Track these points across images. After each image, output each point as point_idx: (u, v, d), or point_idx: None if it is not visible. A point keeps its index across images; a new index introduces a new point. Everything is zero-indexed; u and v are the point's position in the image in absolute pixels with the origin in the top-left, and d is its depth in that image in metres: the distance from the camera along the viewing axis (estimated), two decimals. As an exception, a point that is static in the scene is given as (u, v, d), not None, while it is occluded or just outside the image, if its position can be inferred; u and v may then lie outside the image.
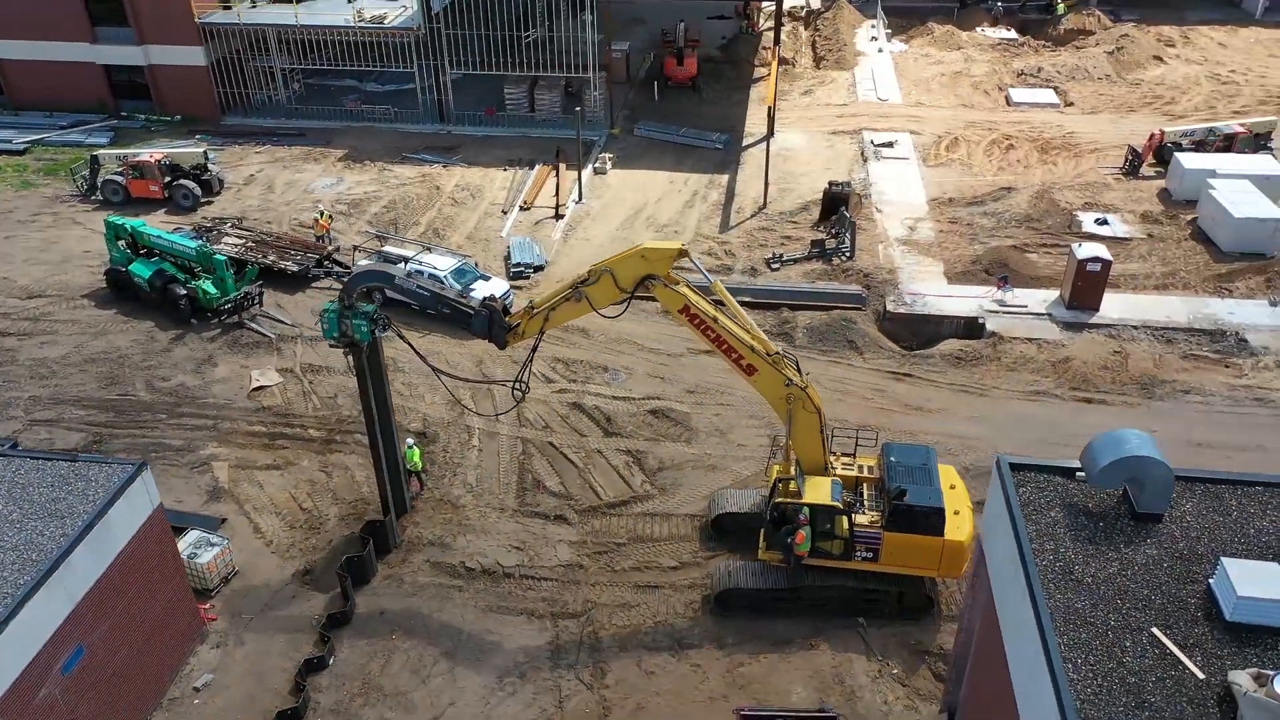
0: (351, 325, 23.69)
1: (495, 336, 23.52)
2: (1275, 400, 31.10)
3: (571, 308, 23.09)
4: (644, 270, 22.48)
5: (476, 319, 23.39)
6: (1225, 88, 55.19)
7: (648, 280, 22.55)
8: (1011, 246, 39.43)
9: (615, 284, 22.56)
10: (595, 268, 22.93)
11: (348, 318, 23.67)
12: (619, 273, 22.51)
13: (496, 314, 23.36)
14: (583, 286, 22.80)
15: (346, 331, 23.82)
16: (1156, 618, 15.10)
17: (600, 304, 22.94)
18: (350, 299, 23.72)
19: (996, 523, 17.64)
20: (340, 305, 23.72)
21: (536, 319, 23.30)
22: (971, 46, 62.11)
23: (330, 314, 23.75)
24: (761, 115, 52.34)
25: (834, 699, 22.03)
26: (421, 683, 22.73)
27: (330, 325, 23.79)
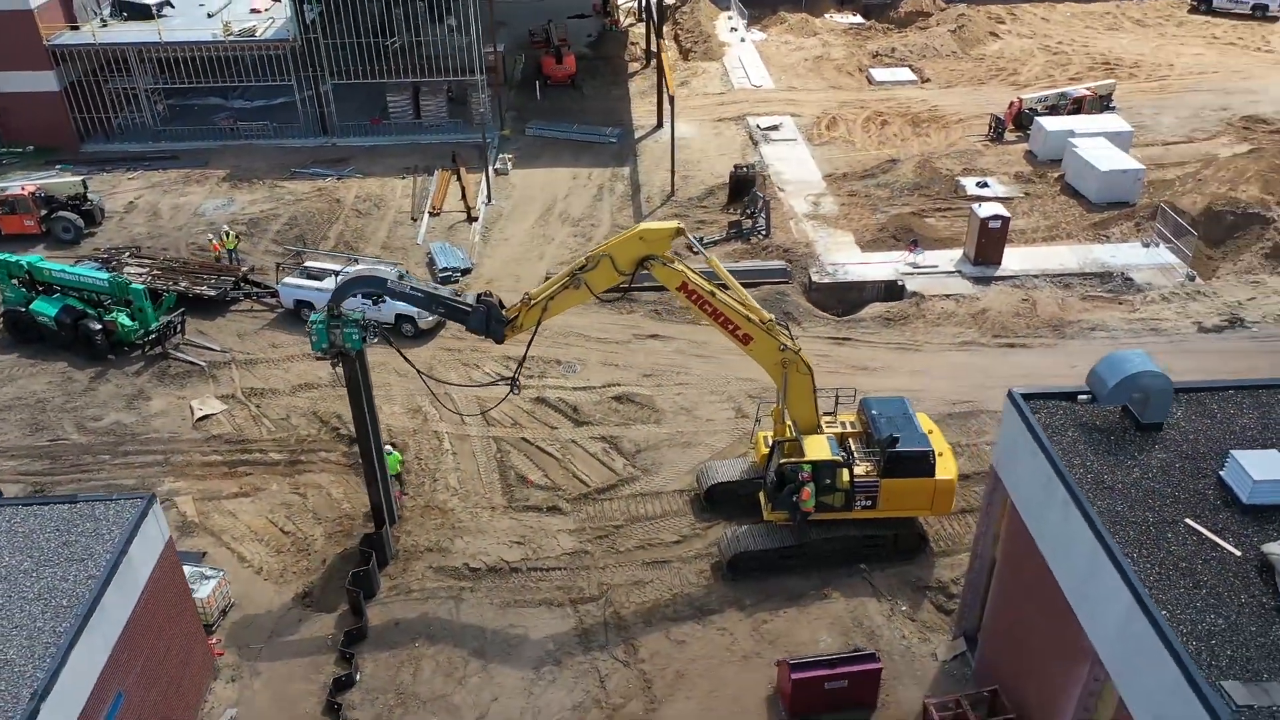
0: (342, 335, 23.22)
1: (493, 331, 23.58)
2: (1167, 329, 34.61)
3: (570, 295, 23.44)
4: (643, 251, 23.08)
5: (474, 315, 23.39)
6: (1057, 57, 60.28)
7: (647, 260, 23.14)
8: (910, 213, 42.04)
9: (614, 267, 23.06)
10: (593, 253, 23.36)
11: (337, 327, 23.19)
12: (618, 256, 23.03)
13: (494, 309, 23.44)
14: (581, 273, 23.17)
15: (336, 342, 23.33)
16: (1184, 510, 17.00)
17: (599, 288, 23.39)
18: (339, 308, 23.28)
19: (1017, 450, 19.25)
20: (328, 315, 23.22)
21: (534, 310, 23.53)
22: (825, 32, 65.34)
23: (319, 325, 23.21)
24: (646, 108, 53.69)
25: (858, 640, 23.31)
26: (458, 684, 22.62)
27: (320, 336, 23.27)
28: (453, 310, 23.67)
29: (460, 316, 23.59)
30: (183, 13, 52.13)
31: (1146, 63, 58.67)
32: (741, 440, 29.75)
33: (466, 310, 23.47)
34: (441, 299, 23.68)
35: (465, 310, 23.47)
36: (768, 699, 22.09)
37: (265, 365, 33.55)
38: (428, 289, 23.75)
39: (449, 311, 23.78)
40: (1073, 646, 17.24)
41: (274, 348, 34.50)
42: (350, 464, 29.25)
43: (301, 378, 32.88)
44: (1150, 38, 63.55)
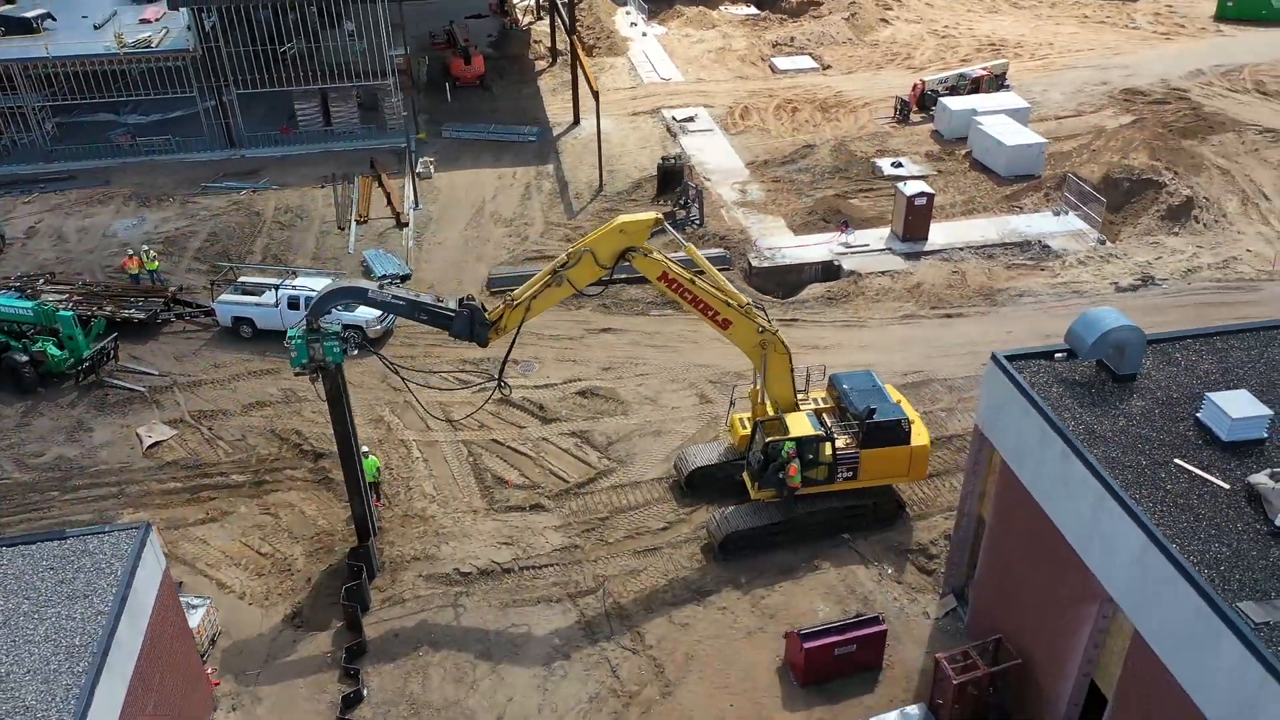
0: (323, 349, 22.74)
1: (477, 335, 23.46)
2: (1088, 291, 36.71)
3: (553, 293, 23.51)
4: (624, 244, 23.33)
5: (458, 321, 23.23)
6: (945, 41, 62.83)
7: (628, 252, 23.38)
8: (835, 195, 43.37)
9: (596, 261, 23.25)
10: (574, 250, 23.48)
11: (317, 341, 22.71)
12: (599, 250, 23.21)
13: (477, 313, 23.32)
14: (563, 270, 23.26)
15: (316, 356, 22.83)
16: (1171, 452, 18.30)
17: (582, 284, 23.54)
18: (317, 321, 22.78)
19: (1005, 409, 20.31)
20: (307, 329, 22.71)
21: (517, 311, 23.51)
22: (724, 24, 66.48)
23: (298, 341, 22.67)
24: (560, 106, 53.70)
25: (854, 607, 24.14)
26: (470, 689, 22.48)
27: (300, 352, 22.75)
28: (436, 316, 23.44)
29: (444, 322, 23.39)
30: (65, 26, 49.51)
31: (1028, 43, 61.75)
32: (711, 425, 30.32)
33: (450, 315, 23.29)
34: (424, 305, 23.42)
35: (449, 315, 23.29)
36: (778, 671, 22.71)
37: (210, 386, 32.39)
38: (410, 296, 23.46)
39: (432, 318, 23.52)
40: (1080, 589, 18.35)
41: (216, 368, 33.33)
42: (318, 480, 28.61)
43: (251, 396, 31.89)
44: (1027, 19, 66.80)
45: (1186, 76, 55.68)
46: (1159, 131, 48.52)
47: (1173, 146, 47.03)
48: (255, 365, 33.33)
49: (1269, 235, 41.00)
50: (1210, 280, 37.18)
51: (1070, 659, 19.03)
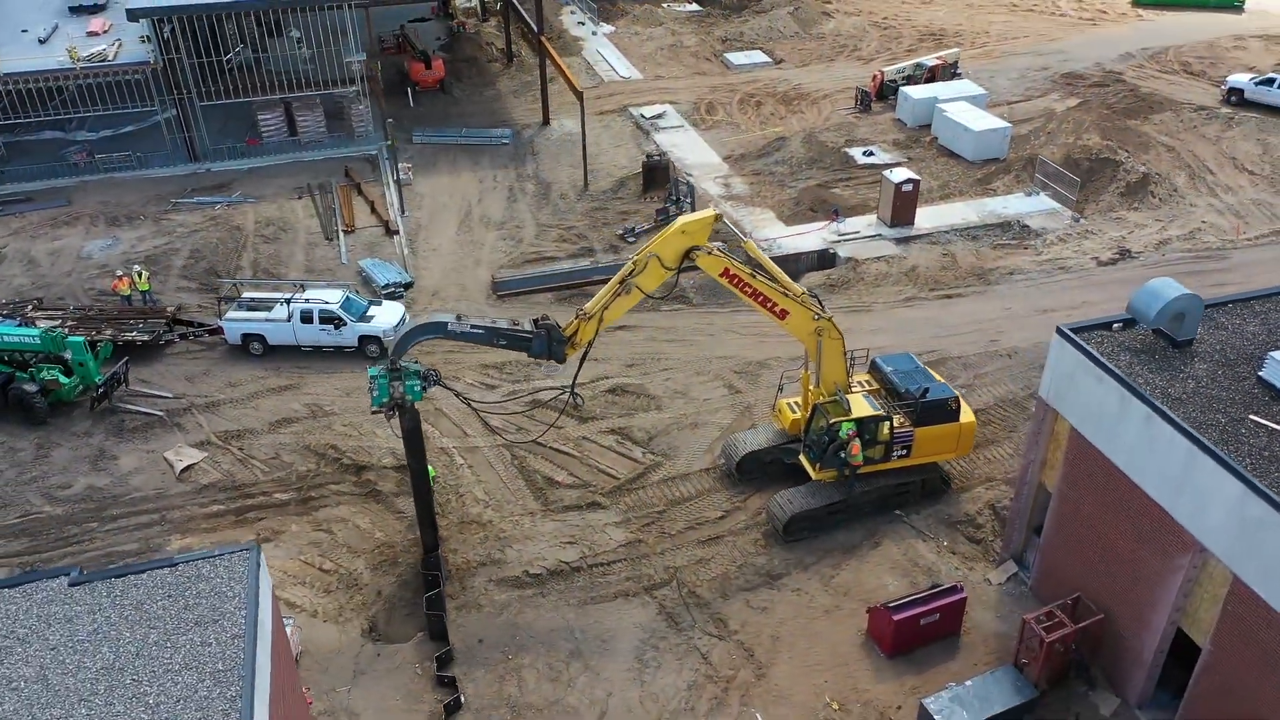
0: (404, 388, 22.76)
1: (555, 353, 23.71)
2: (1072, 266, 38.62)
3: (623, 301, 23.80)
4: (687, 244, 23.77)
5: (536, 341, 23.46)
6: (887, 32, 64.79)
7: (691, 251, 23.83)
8: (817, 185, 44.51)
9: (662, 265, 23.63)
10: (639, 256, 23.75)
11: (398, 380, 22.64)
12: (664, 253, 23.60)
13: (554, 331, 23.56)
14: (631, 279, 23.56)
15: (396, 395, 22.77)
16: (1243, 409, 19.68)
17: (650, 288, 23.88)
18: (399, 360, 22.74)
19: (1074, 379, 21.48)
20: (390, 368, 22.68)
21: (591, 323, 23.74)
22: (670, 21, 67.18)
23: (381, 380, 22.69)
24: (526, 107, 53.65)
25: (920, 579, 25.13)
26: (567, 687, 22.69)
27: (381, 391, 22.85)
28: (514, 340, 23.62)
29: (523, 344, 23.61)
30: (6, 41, 47.33)
31: (966, 32, 64.13)
32: (745, 415, 31.01)
33: (529, 337, 23.49)
34: (502, 331, 23.56)
35: (527, 337, 23.48)
36: (862, 645, 23.53)
37: (230, 406, 31.65)
38: (486, 324, 23.57)
39: (510, 342, 23.69)
40: (1168, 542, 19.59)
41: (232, 386, 32.56)
42: (365, 493, 28.32)
43: (275, 413, 31.29)
44: (960, 9, 69.23)
45: (1118, 60, 58.69)
46: (1104, 113, 51.11)
47: (1119, 126, 49.61)
48: (273, 382, 32.69)
49: (1219, 207, 43.64)
50: (1181, 251, 39.49)
51: (1158, 610, 20.29)
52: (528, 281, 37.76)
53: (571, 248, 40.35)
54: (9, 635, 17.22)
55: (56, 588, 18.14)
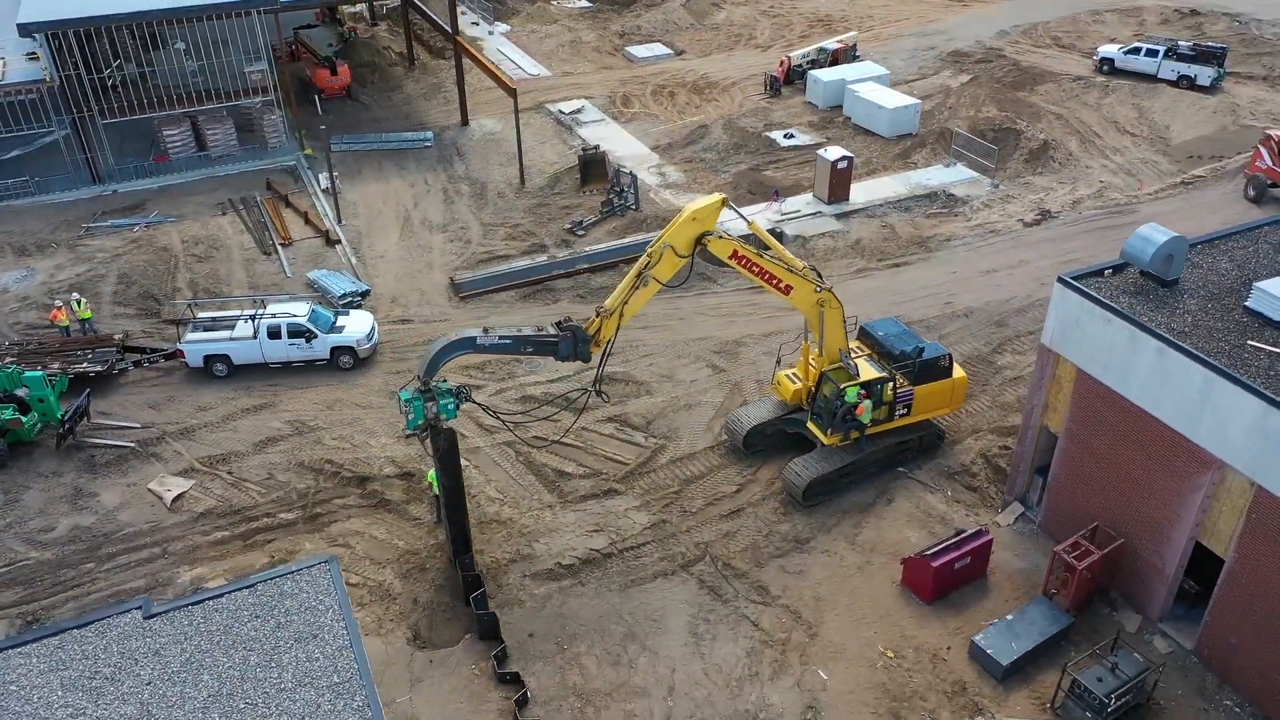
0: (438, 408, 22.57)
1: (580, 354, 23.84)
2: (1001, 229, 41.00)
3: (641, 294, 24.04)
4: (698, 230, 24.23)
5: (563, 344, 23.54)
6: (778, 20, 66.83)
7: (702, 237, 24.31)
8: (749, 169, 45.70)
9: (676, 254, 24.00)
10: (653, 248, 24.02)
11: (432, 401, 22.40)
12: (677, 242, 23.98)
13: (579, 331, 23.68)
14: (648, 271, 23.84)
15: (430, 415, 22.46)
16: (1240, 336, 21.63)
17: (666, 278, 24.19)
18: (430, 380, 22.42)
19: (1081, 322, 23.05)
20: (422, 390, 22.44)
21: (612, 320, 23.92)
22: (564, 18, 67.38)
23: (416, 402, 22.41)
24: (438, 109, 52.94)
25: (936, 528, 26.42)
26: (629, 668, 22.89)
27: (417, 413, 22.56)
28: (541, 345, 23.61)
29: (549, 348, 23.63)
30: None
31: (851, 17, 66.77)
32: (734, 392, 31.73)
33: (555, 340, 23.53)
34: (528, 338, 23.51)
35: (554, 340, 23.50)
36: (899, 595, 24.60)
37: (206, 430, 30.29)
38: (512, 333, 23.46)
39: (537, 347, 23.66)
40: (1188, 464, 21.34)
41: (203, 410, 31.14)
42: (374, 504, 27.67)
43: (257, 434, 30.14)
44: (840, -5, 71.99)
45: (996, 37, 62.35)
46: (995, 87, 54.32)
47: (1011, 98, 52.84)
48: (246, 402, 31.44)
49: (1112, 167, 47.07)
50: (1094, 209, 42.45)
51: (1178, 528, 22.07)
52: (488, 281, 37.44)
53: (522, 245, 40.20)
54: (96, 675, 16.41)
55: (131, 622, 17.33)
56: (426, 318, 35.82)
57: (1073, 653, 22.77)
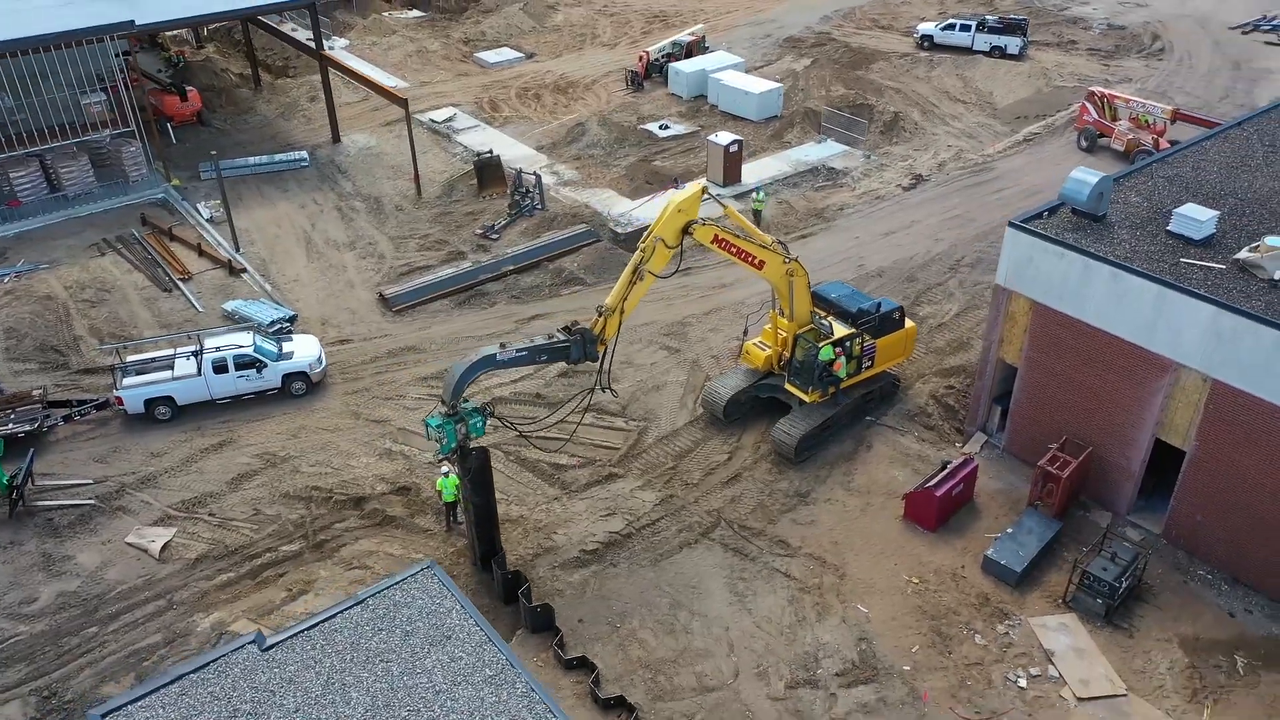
0: (468, 428, 22.82)
1: (589, 354, 24.59)
2: (884, 195, 44.29)
3: (639, 289, 24.92)
4: (684, 221, 25.37)
5: (574, 348, 24.24)
6: (615, 18, 68.51)
7: (689, 226, 25.47)
8: (639, 161, 47.07)
9: (666, 246, 25.05)
10: (645, 244, 24.91)
11: (461, 421, 22.64)
12: (666, 234, 25.01)
13: (587, 333, 24.43)
14: (643, 266, 24.75)
15: (460, 437, 22.68)
16: (1173, 255, 24.94)
17: (659, 270, 25.23)
18: (457, 403, 22.62)
19: (1035, 260, 25.81)
20: (450, 413, 22.63)
21: (614, 319, 24.67)
22: (402, 28, 66.44)
23: (447, 426, 22.51)
24: (305, 127, 51.37)
25: (917, 465, 28.74)
26: (686, 634, 23.80)
27: (449, 437, 22.66)
28: (555, 352, 24.22)
29: (563, 354, 24.26)
30: None
31: (685, 11, 69.32)
32: (695, 368, 33.05)
33: (567, 345, 24.12)
34: (542, 347, 24.05)
35: (565, 346, 24.11)
36: (904, 528, 26.68)
37: (169, 476, 28.68)
38: (528, 345, 23.93)
39: (552, 354, 24.26)
40: (1147, 371, 24.44)
41: (157, 457, 29.43)
42: (377, 522, 27.20)
43: (226, 472, 28.83)
44: (665, -8, 74.42)
45: (820, 22, 66.51)
46: (836, 68, 58.15)
47: (853, 77, 56.75)
48: (201, 442, 29.95)
49: (954, 132, 51.58)
50: (958, 170, 46.51)
51: (1141, 429, 25.22)
52: (420, 292, 37.02)
53: (438, 254, 39.93)
54: (236, 713, 15.98)
55: (249, 657, 16.95)
56: (366, 335, 35.10)
57: (1065, 554, 25.59)
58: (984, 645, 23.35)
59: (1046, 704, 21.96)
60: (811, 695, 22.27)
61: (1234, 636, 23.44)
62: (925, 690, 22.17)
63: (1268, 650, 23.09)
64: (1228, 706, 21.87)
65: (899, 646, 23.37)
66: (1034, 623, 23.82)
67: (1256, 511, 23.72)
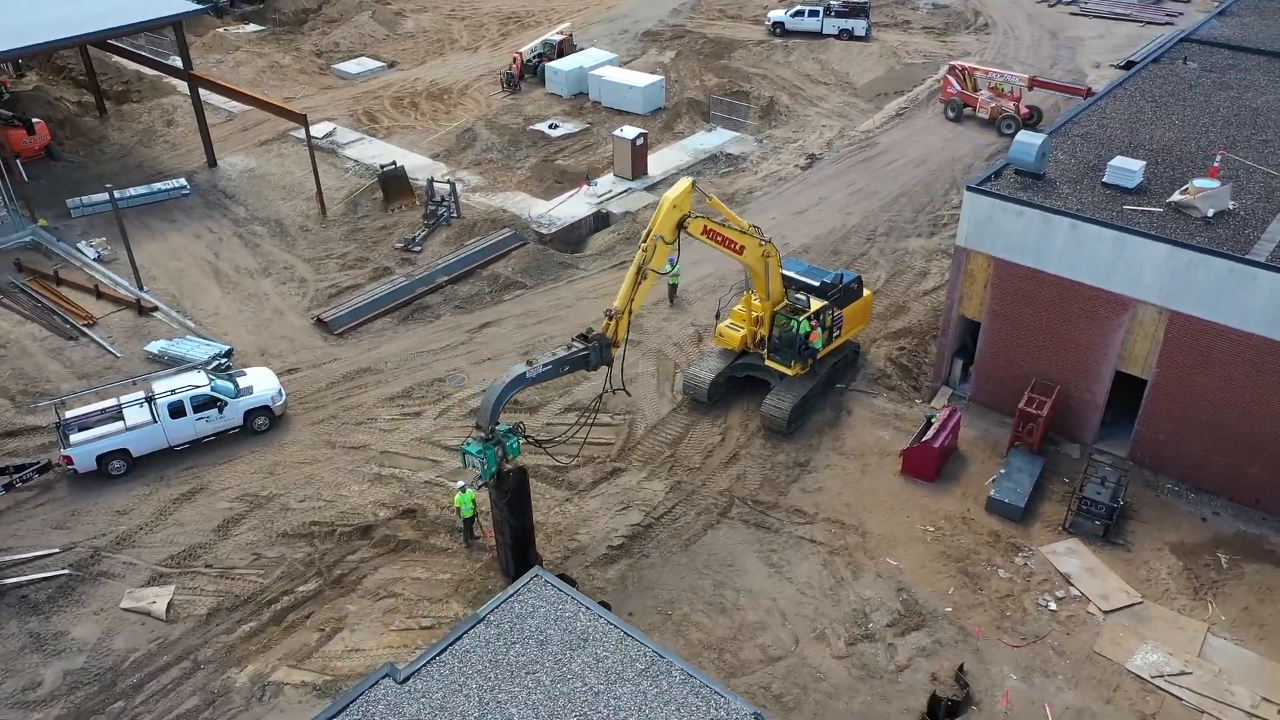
0: (505, 450, 22.76)
1: (606, 358, 24.88)
2: (785, 176, 46.05)
3: (644, 287, 25.33)
4: (679, 216, 25.92)
5: (593, 354, 24.48)
6: (468, 21, 67.64)
7: (683, 220, 25.99)
8: (541, 161, 46.92)
9: (665, 242, 25.52)
10: (645, 244, 25.26)
11: (501, 444, 22.60)
12: (664, 232, 25.47)
13: (603, 338, 24.67)
14: (646, 266, 25.10)
15: (498, 459, 22.66)
16: (1114, 203, 27.50)
17: (660, 266, 25.66)
18: (495, 425, 22.57)
19: (994, 219, 27.82)
20: (488, 438, 22.49)
21: (624, 319, 24.92)
22: (245, 44, 63.16)
23: (487, 451, 22.33)
24: (171, 154, 48.35)
25: (897, 424, 30.35)
26: (736, 609, 24.35)
27: (490, 461, 22.44)
28: (576, 361, 24.45)
29: (584, 362, 24.51)
30: None
31: (537, 10, 69.25)
32: (660, 358, 33.54)
33: (586, 353, 24.38)
34: (565, 359, 24.22)
35: (585, 354, 24.37)
36: (904, 482, 28.19)
37: (145, 532, 26.62)
38: (551, 358, 23.99)
39: (574, 364, 24.43)
40: (1108, 310, 26.86)
41: (124, 514, 27.25)
42: (391, 549, 26.27)
43: (209, 520, 27.05)
44: (508, -7, 74.02)
45: (672, 14, 68.11)
46: (701, 58, 59.76)
47: (720, 66, 58.54)
48: (168, 493, 27.95)
49: (824, 112, 54.17)
50: (845, 147, 48.91)
51: (1104, 364, 27.69)
52: (358, 312, 35.67)
53: (363, 272, 38.58)
54: (405, 750, 15.32)
55: (389, 692, 16.48)
56: (314, 361, 33.58)
57: (1050, 486, 27.80)
58: (1009, 578, 25.11)
59: (1079, 621, 23.89)
60: (872, 648, 23.33)
61: (1211, 537, 26.21)
62: (978, 626, 23.64)
63: (1241, 545, 25.97)
64: (1225, 598, 24.49)
65: (935, 591, 24.78)
66: (1045, 551, 25.81)
67: (1214, 426, 26.58)
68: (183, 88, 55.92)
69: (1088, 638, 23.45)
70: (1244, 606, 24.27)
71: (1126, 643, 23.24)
